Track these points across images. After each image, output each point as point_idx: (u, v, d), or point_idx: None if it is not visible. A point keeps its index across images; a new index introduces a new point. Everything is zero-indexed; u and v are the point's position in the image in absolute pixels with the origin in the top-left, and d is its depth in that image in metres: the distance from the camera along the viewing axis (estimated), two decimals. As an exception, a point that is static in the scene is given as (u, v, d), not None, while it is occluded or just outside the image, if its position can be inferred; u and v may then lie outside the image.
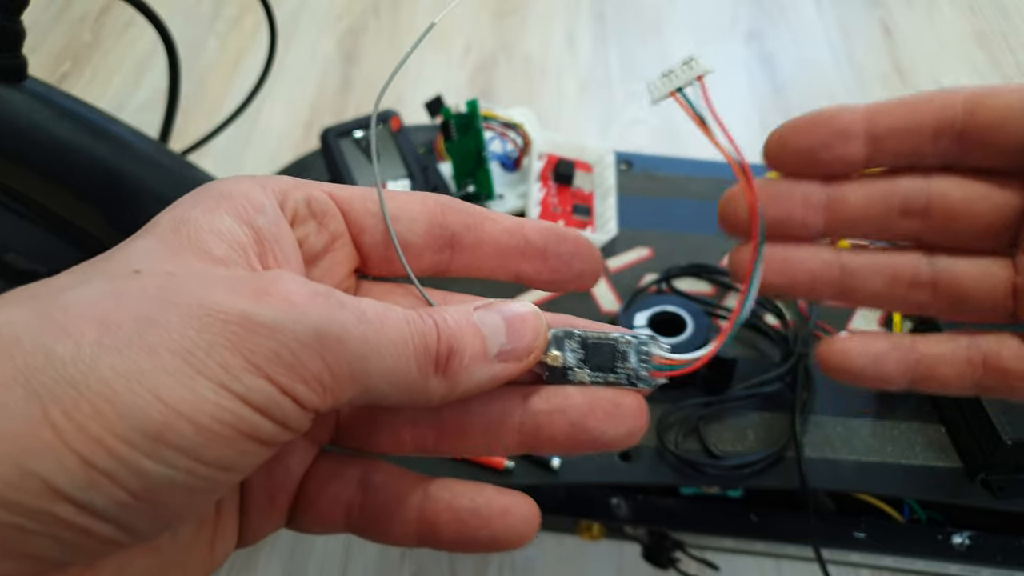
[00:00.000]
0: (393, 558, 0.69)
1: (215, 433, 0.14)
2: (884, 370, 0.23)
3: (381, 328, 0.16)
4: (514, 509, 0.19)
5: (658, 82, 0.21)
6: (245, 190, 0.18)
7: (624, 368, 0.20)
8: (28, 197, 0.34)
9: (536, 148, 0.54)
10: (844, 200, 0.23)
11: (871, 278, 0.23)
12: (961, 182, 0.22)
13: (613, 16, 1.19)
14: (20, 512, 0.13)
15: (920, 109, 0.21)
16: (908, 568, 0.46)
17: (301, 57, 1.13)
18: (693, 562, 0.49)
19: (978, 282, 0.22)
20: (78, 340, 0.14)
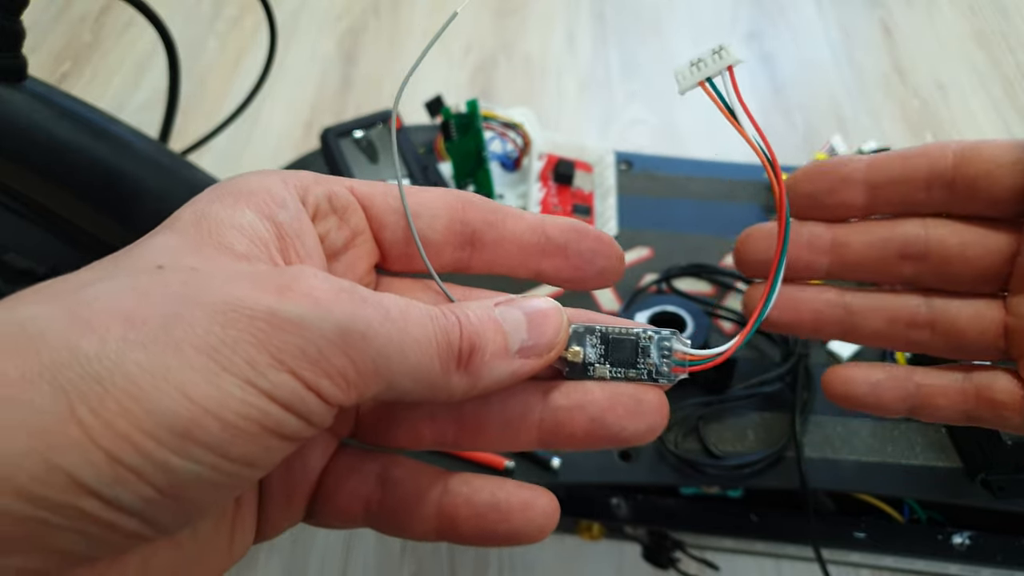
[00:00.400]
0: (393, 556, 0.69)
1: (241, 430, 0.14)
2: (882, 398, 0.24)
3: (404, 325, 0.16)
4: (534, 503, 0.20)
5: (687, 71, 0.21)
6: (267, 185, 0.18)
7: (645, 364, 0.20)
8: (28, 197, 0.34)
9: (536, 148, 0.54)
10: (847, 243, 0.25)
11: (872, 317, 0.25)
12: (956, 228, 0.24)
13: (613, 16, 1.19)
14: (47, 507, 0.13)
15: (914, 161, 0.24)
16: (908, 568, 0.46)
17: (301, 57, 1.13)
18: (693, 562, 0.49)
19: (972, 322, 0.24)
20: (103, 336, 0.14)
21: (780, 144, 1.01)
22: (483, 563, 0.68)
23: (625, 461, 0.42)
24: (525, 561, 0.68)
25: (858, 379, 0.25)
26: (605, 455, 0.42)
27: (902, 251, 0.24)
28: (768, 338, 0.46)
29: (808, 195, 0.25)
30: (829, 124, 1.02)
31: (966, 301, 0.24)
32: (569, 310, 0.20)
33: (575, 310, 0.21)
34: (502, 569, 0.68)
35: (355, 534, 0.70)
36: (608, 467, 0.42)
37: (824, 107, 1.05)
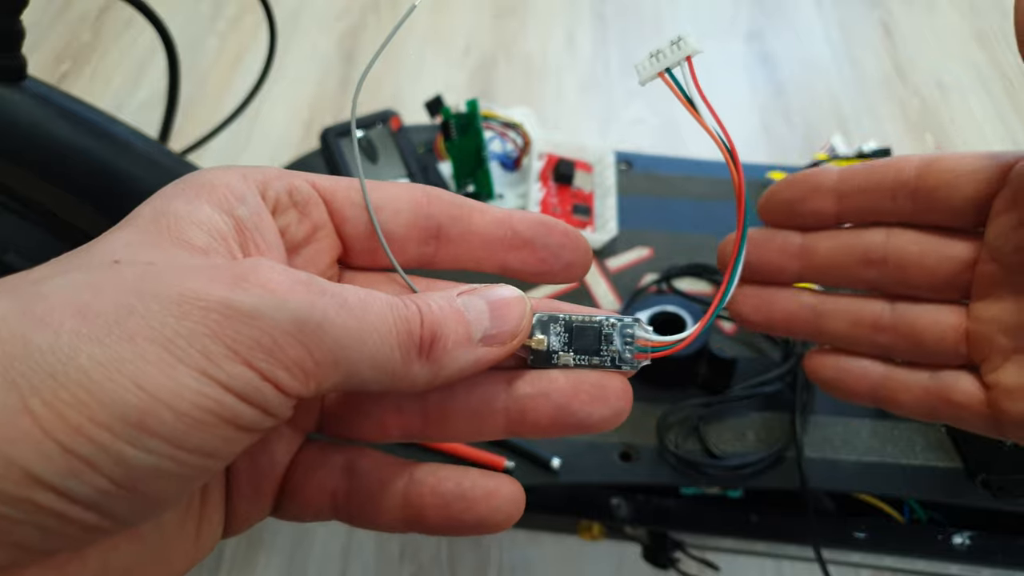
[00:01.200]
0: (392, 559, 0.69)
1: (196, 420, 0.14)
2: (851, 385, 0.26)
3: (363, 314, 0.16)
4: (499, 491, 0.19)
5: (646, 63, 0.21)
6: (226, 180, 0.18)
7: (608, 351, 0.20)
8: (28, 197, 0.34)
9: (536, 148, 0.54)
10: (815, 249, 0.26)
11: (837, 320, 0.26)
12: (916, 237, 0.25)
13: (613, 16, 1.19)
14: (1, 500, 0.13)
15: (880, 171, 0.25)
16: (908, 568, 0.46)
17: (301, 57, 1.13)
18: (693, 562, 0.49)
19: (933, 327, 0.25)
20: (56, 330, 0.14)
21: (780, 144, 1.01)
22: (483, 563, 0.68)
23: (625, 461, 0.42)
24: (525, 561, 0.68)
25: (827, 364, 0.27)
26: (605, 455, 0.42)
27: (864, 257, 0.25)
28: (768, 338, 0.46)
29: (785, 202, 0.26)
30: (829, 124, 1.02)
31: (927, 306, 0.25)
32: (534, 299, 0.20)
33: (539, 299, 0.21)
34: (502, 570, 0.68)
35: (354, 538, 0.70)
36: (608, 467, 0.42)
37: (824, 107, 1.05)
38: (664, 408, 0.43)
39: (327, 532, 0.71)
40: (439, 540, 0.70)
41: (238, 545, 0.69)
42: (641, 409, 0.44)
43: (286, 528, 0.71)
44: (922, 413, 0.25)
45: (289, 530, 0.71)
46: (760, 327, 0.27)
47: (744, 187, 0.21)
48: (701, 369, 0.44)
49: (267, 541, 0.70)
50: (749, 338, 0.47)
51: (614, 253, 0.51)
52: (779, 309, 0.27)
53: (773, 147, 1.01)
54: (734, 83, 1.08)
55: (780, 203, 0.26)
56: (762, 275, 0.27)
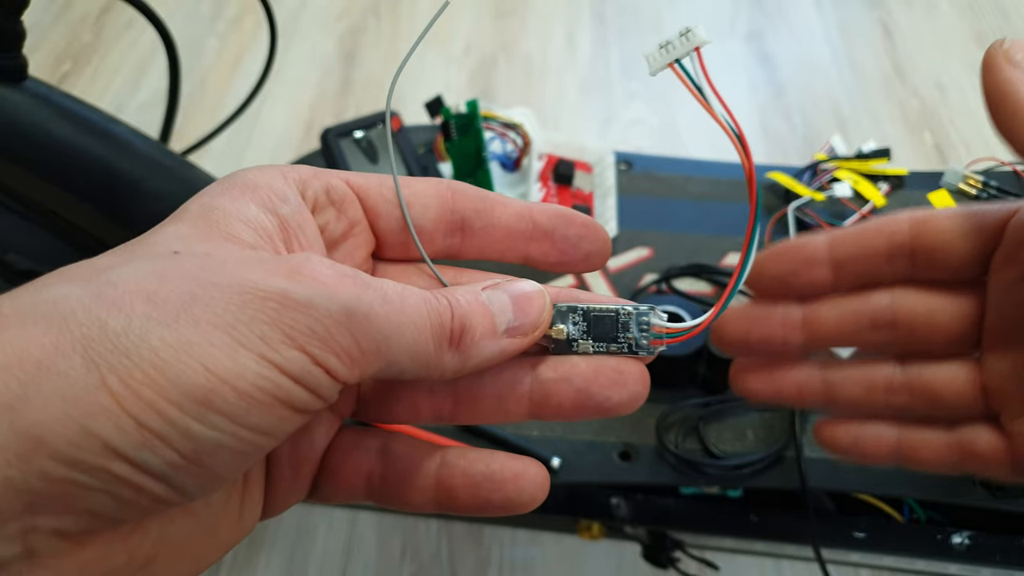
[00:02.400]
0: (393, 558, 0.69)
1: (256, 400, 0.15)
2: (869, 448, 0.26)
3: (402, 307, 0.17)
4: (525, 473, 0.20)
5: (656, 54, 0.21)
6: (268, 180, 0.19)
7: (625, 338, 0.21)
8: (29, 197, 0.35)
9: (536, 148, 0.54)
10: (819, 319, 0.25)
11: (850, 387, 0.26)
12: (922, 296, 0.24)
13: (613, 16, 1.19)
14: (82, 469, 0.14)
15: (874, 236, 0.24)
16: (908, 568, 0.46)
17: (301, 57, 1.13)
18: (693, 562, 0.49)
19: (947, 384, 0.24)
20: (129, 314, 0.15)
21: (780, 145, 1.01)
22: (483, 563, 0.69)
23: (625, 461, 0.42)
24: (525, 561, 0.68)
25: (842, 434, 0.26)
26: (605, 455, 0.42)
27: (872, 322, 0.25)
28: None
29: (775, 277, 0.25)
30: (829, 124, 1.03)
31: (940, 364, 0.25)
32: (552, 290, 0.21)
33: (558, 290, 0.22)
34: (502, 569, 0.68)
35: (355, 536, 0.70)
36: (608, 467, 0.42)
37: (824, 107, 1.05)
38: (664, 408, 0.43)
39: (328, 530, 0.71)
40: (439, 539, 0.70)
41: (239, 544, 0.70)
42: (641, 409, 0.44)
43: (287, 527, 0.71)
44: (946, 467, 0.25)
45: (290, 529, 0.71)
46: (770, 400, 0.26)
47: (755, 173, 0.21)
48: (701, 369, 0.44)
49: (268, 540, 0.70)
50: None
51: (614, 253, 0.52)
52: (788, 382, 0.26)
53: (773, 147, 1.01)
54: (734, 83, 1.08)
55: (770, 279, 0.25)
56: (766, 351, 0.26)
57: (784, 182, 0.52)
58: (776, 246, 0.25)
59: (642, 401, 0.21)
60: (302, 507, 0.71)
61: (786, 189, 0.52)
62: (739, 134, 0.21)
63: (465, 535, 0.70)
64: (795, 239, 0.25)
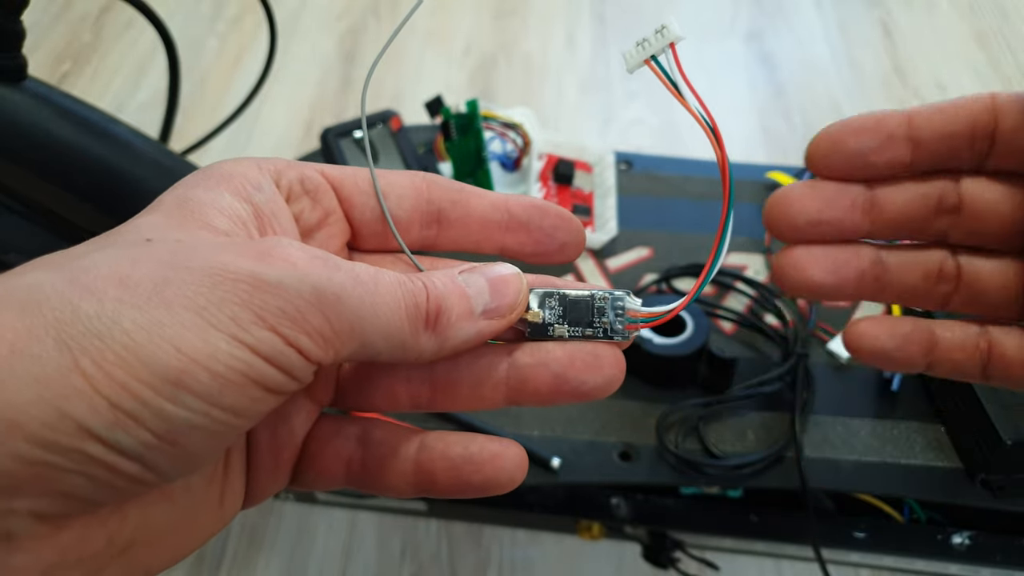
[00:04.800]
0: (393, 557, 0.69)
1: (228, 380, 0.15)
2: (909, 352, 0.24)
3: (375, 289, 0.17)
4: (504, 453, 0.21)
5: (633, 51, 0.22)
6: (242, 170, 0.20)
7: (600, 322, 0.21)
8: (29, 197, 0.34)
9: (536, 148, 0.54)
10: (888, 200, 0.24)
11: (908, 273, 0.24)
12: (990, 184, 0.23)
13: (613, 16, 1.19)
14: (57, 451, 0.14)
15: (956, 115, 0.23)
16: (908, 568, 0.46)
17: (301, 57, 1.13)
18: (693, 562, 0.49)
19: (995, 279, 0.24)
20: (100, 297, 0.15)
21: (780, 144, 1.01)
22: (483, 562, 0.69)
23: (625, 461, 0.42)
24: (525, 561, 0.68)
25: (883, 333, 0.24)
26: (605, 455, 0.42)
27: (939, 205, 0.24)
28: (768, 338, 0.46)
29: (855, 153, 0.23)
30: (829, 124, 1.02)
31: (992, 259, 0.24)
32: (531, 276, 0.22)
33: (535, 276, 0.22)
34: (502, 569, 0.68)
35: (355, 536, 0.70)
36: (608, 467, 0.42)
37: (824, 107, 1.05)
38: (664, 408, 0.43)
39: (328, 530, 0.71)
40: (439, 539, 0.70)
41: (239, 543, 0.70)
42: (641, 409, 0.44)
43: (287, 527, 0.71)
44: (974, 373, 0.24)
45: (290, 529, 0.71)
46: (830, 292, 0.24)
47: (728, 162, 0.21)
48: (701, 369, 0.44)
49: (268, 540, 0.70)
50: (749, 338, 0.47)
51: (614, 253, 0.52)
52: (851, 268, 0.24)
53: (772, 147, 1.01)
54: (734, 83, 1.08)
55: (848, 154, 0.23)
56: (828, 234, 0.24)
57: (783, 182, 0.52)
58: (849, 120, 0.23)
59: (617, 385, 0.21)
60: (302, 507, 0.71)
61: (786, 189, 0.52)
62: (712, 126, 0.21)
63: (465, 535, 0.70)
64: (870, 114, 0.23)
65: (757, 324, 0.47)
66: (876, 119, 0.23)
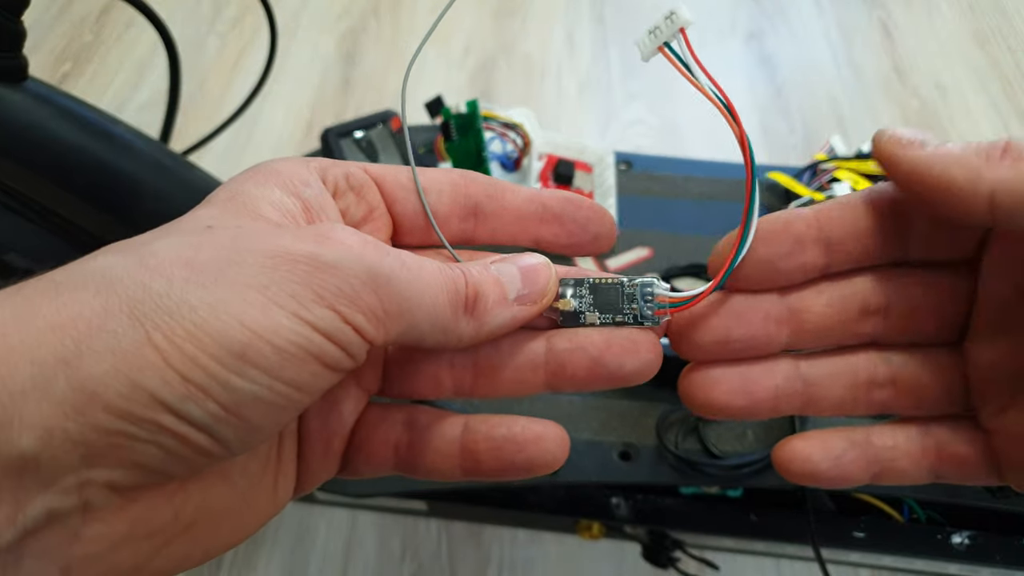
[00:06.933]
0: (393, 558, 0.69)
1: (290, 354, 0.16)
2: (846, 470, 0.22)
3: (420, 274, 0.18)
4: (546, 434, 0.21)
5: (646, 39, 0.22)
6: (291, 167, 0.21)
7: (630, 308, 0.22)
8: (29, 197, 0.35)
9: (536, 148, 0.54)
10: (806, 309, 0.22)
11: (833, 387, 0.23)
12: (914, 277, 0.22)
13: (613, 17, 1.19)
14: (131, 420, 0.15)
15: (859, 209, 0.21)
16: (908, 568, 0.46)
17: (301, 57, 1.13)
18: (693, 562, 0.49)
19: (934, 377, 0.22)
20: (169, 278, 0.16)
21: (780, 145, 1.01)
22: (483, 562, 0.69)
23: (625, 461, 0.42)
24: (525, 561, 0.68)
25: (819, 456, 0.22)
26: (605, 455, 0.42)
27: (863, 308, 0.22)
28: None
29: (764, 260, 0.21)
30: (829, 125, 1.03)
31: (926, 355, 0.22)
32: (560, 267, 0.22)
33: (564, 267, 0.23)
34: (502, 569, 0.68)
35: (355, 535, 0.70)
36: (608, 467, 0.42)
37: (824, 108, 1.05)
38: (664, 408, 0.43)
39: (328, 530, 0.71)
40: (439, 538, 0.70)
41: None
42: (641, 409, 0.44)
43: (287, 526, 0.71)
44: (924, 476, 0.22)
45: (290, 528, 0.71)
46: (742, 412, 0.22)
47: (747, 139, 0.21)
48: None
49: (268, 539, 0.70)
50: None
51: (614, 253, 0.52)
52: (764, 387, 0.22)
53: (773, 148, 1.01)
54: (734, 84, 1.08)
55: (756, 263, 0.21)
56: (741, 352, 0.22)
57: (784, 182, 0.52)
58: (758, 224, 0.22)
59: (656, 369, 0.21)
60: (302, 507, 0.71)
61: (786, 189, 0.52)
62: (728, 106, 0.21)
63: (465, 535, 0.70)
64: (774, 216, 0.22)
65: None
66: (783, 222, 0.21)
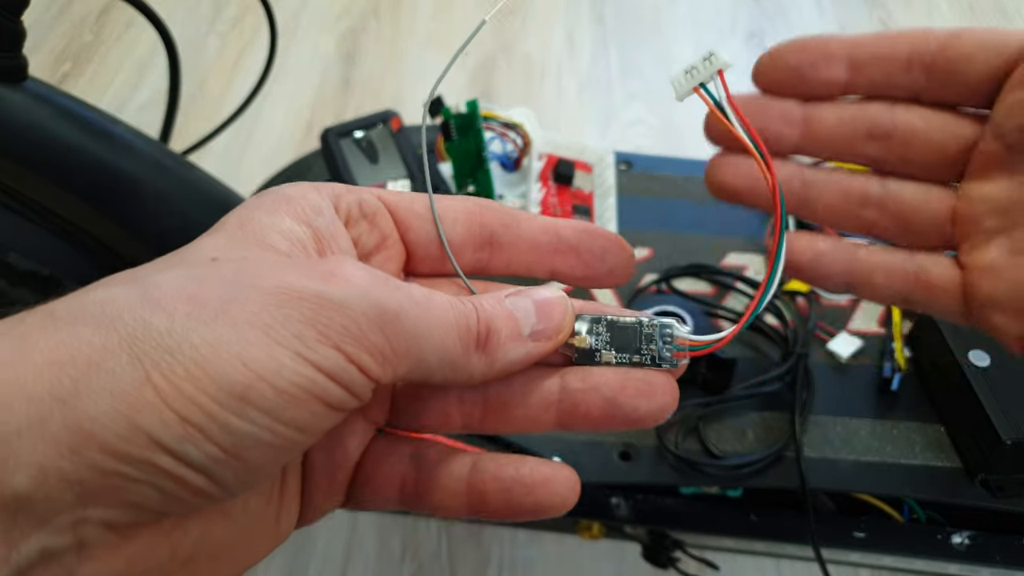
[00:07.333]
0: (393, 557, 0.69)
1: (292, 396, 0.16)
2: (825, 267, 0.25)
3: (429, 308, 0.18)
4: (556, 477, 0.21)
5: (682, 79, 0.22)
6: (303, 194, 0.20)
7: (648, 349, 0.21)
8: (29, 197, 0.35)
9: (536, 148, 0.54)
10: (819, 119, 0.25)
11: (827, 191, 0.25)
12: (924, 113, 0.24)
13: (613, 16, 1.19)
14: (128, 461, 0.14)
15: (898, 41, 0.24)
16: (908, 568, 0.46)
17: (301, 57, 1.13)
18: (693, 562, 0.49)
19: (922, 205, 0.24)
20: (171, 314, 0.15)
21: (780, 144, 1.01)
22: (483, 562, 0.69)
23: (625, 461, 0.42)
24: (525, 561, 0.68)
25: (801, 247, 0.25)
26: (605, 455, 0.42)
27: (870, 130, 0.24)
28: (768, 338, 0.46)
29: (792, 68, 0.24)
30: (829, 124, 1.03)
31: (920, 185, 0.25)
32: (577, 302, 0.22)
33: (581, 302, 0.22)
34: (502, 569, 0.68)
35: (355, 536, 0.70)
36: (608, 467, 0.42)
37: (824, 107, 1.05)
38: (664, 408, 0.43)
39: (328, 530, 0.71)
40: (439, 539, 0.70)
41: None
42: (641, 409, 0.44)
43: (286, 528, 0.71)
44: (895, 296, 0.24)
45: (289, 530, 0.71)
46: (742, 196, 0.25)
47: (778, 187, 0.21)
48: (701, 369, 0.44)
49: (267, 541, 0.70)
50: (749, 338, 0.47)
51: (614, 253, 0.51)
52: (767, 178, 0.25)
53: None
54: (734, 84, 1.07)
55: (786, 69, 0.24)
56: None
57: (784, 182, 0.52)
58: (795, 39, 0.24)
59: (669, 413, 0.21)
60: (302, 507, 0.71)
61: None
62: (763, 152, 0.21)
63: (465, 535, 0.70)
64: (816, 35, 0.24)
65: (757, 324, 0.47)
66: (822, 39, 0.24)
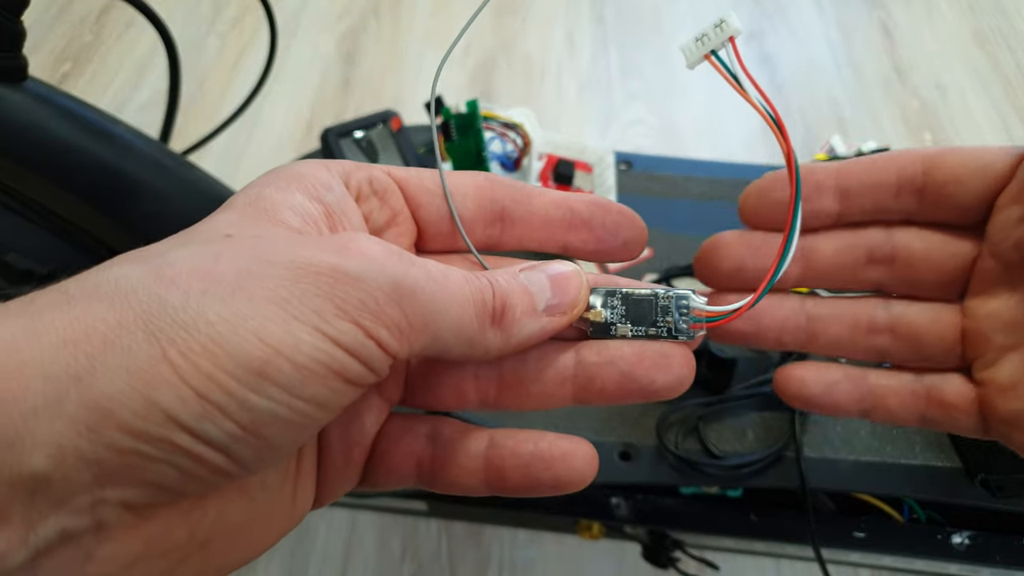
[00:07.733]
0: (393, 558, 0.69)
1: (310, 371, 0.15)
2: (837, 399, 0.25)
3: (445, 284, 0.18)
4: (575, 452, 0.20)
5: (692, 46, 0.21)
6: (313, 171, 0.20)
7: (664, 322, 0.21)
8: (28, 197, 0.35)
9: (536, 148, 0.54)
10: (817, 249, 0.24)
11: (833, 324, 0.25)
12: (921, 233, 0.24)
13: (613, 16, 1.19)
14: (146, 439, 0.14)
15: (885, 167, 0.24)
16: (908, 568, 0.46)
17: (301, 57, 1.13)
18: (693, 562, 0.49)
19: (931, 325, 0.24)
20: (186, 290, 0.15)
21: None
22: (483, 562, 0.69)
23: (625, 461, 0.42)
24: (525, 561, 0.68)
25: (812, 380, 0.25)
26: (605, 455, 0.42)
27: (869, 256, 0.24)
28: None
29: (784, 202, 0.24)
30: (829, 125, 1.03)
31: (925, 305, 0.24)
32: (591, 275, 0.21)
33: (595, 275, 0.22)
34: (502, 569, 0.68)
35: (355, 536, 0.70)
36: (608, 467, 0.42)
37: (824, 108, 1.05)
38: (664, 408, 0.43)
39: (328, 530, 0.71)
40: (439, 539, 0.70)
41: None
42: (641, 409, 0.44)
43: (286, 528, 0.71)
44: (911, 418, 0.24)
45: (289, 530, 0.71)
46: (749, 338, 0.25)
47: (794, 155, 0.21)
48: (701, 369, 0.44)
49: (267, 541, 0.70)
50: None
51: (614, 253, 0.51)
52: (771, 317, 0.25)
53: (773, 147, 1.01)
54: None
55: (774, 204, 0.24)
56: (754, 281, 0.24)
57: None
58: (780, 171, 0.24)
59: (687, 385, 0.21)
60: (302, 507, 0.71)
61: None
62: (776, 119, 0.21)
63: (465, 535, 0.70)
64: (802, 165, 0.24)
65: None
66: (807, 170, 0.24)
